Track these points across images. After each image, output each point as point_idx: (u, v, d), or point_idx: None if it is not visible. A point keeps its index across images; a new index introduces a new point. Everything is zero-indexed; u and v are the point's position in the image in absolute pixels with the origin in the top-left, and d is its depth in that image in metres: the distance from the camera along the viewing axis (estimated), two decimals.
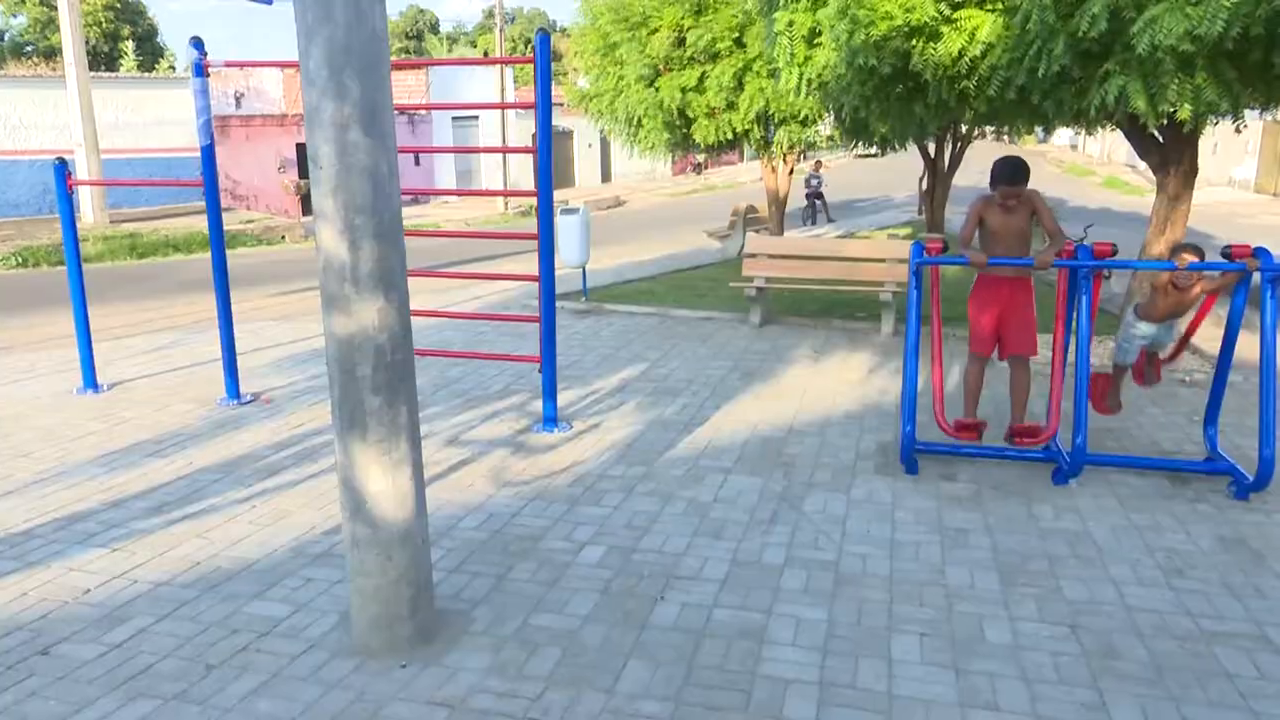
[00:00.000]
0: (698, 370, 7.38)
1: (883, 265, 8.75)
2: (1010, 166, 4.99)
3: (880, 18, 6.01)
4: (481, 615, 3.57)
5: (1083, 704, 3.00)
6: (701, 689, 3.07)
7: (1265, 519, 4.47)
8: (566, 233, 9.89)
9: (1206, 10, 4.95)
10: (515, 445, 5.59)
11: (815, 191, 21.14)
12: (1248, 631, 3.45)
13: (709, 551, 4.13)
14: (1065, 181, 33.14)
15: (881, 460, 5.33)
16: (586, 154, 36.20)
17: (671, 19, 11.04)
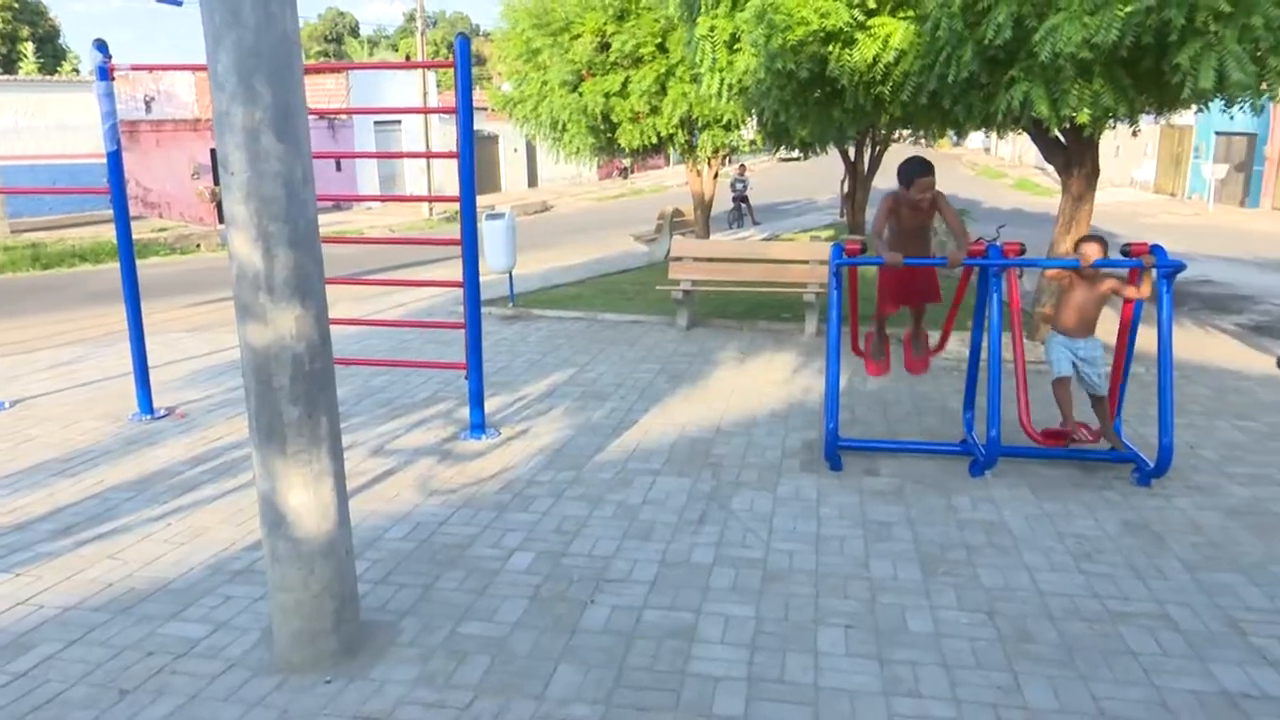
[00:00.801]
0: (626, 374, 7.41)
1: (805, 267, 8.91)
2: (917, 162, 5.18)
3: (796, 23, 6.13)
4: (409, 626, 3.52)
5: (999, 687, 3.11)
6: (632, 690, 3.09)
7: (1166, 503, 4.70)
8: (492, 238, 9.82)
9: (1102, 20, 5.18)
10: (442, 453, 5.53)
11: (740, 195, 21.42)
12: (1150, 611, 3.62)
13: (638, 553, 4.15)
14: (979, 183, 34.22)
15: (807, 458, 5.42)
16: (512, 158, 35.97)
17: (594, 25, 11.06)
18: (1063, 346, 5.16)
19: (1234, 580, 3.87)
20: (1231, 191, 25.61)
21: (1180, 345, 8.17)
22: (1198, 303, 10.96)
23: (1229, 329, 9.31)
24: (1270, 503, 4.69)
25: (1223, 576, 3.90)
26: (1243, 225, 21.03)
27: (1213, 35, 5.10)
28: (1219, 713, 2.96)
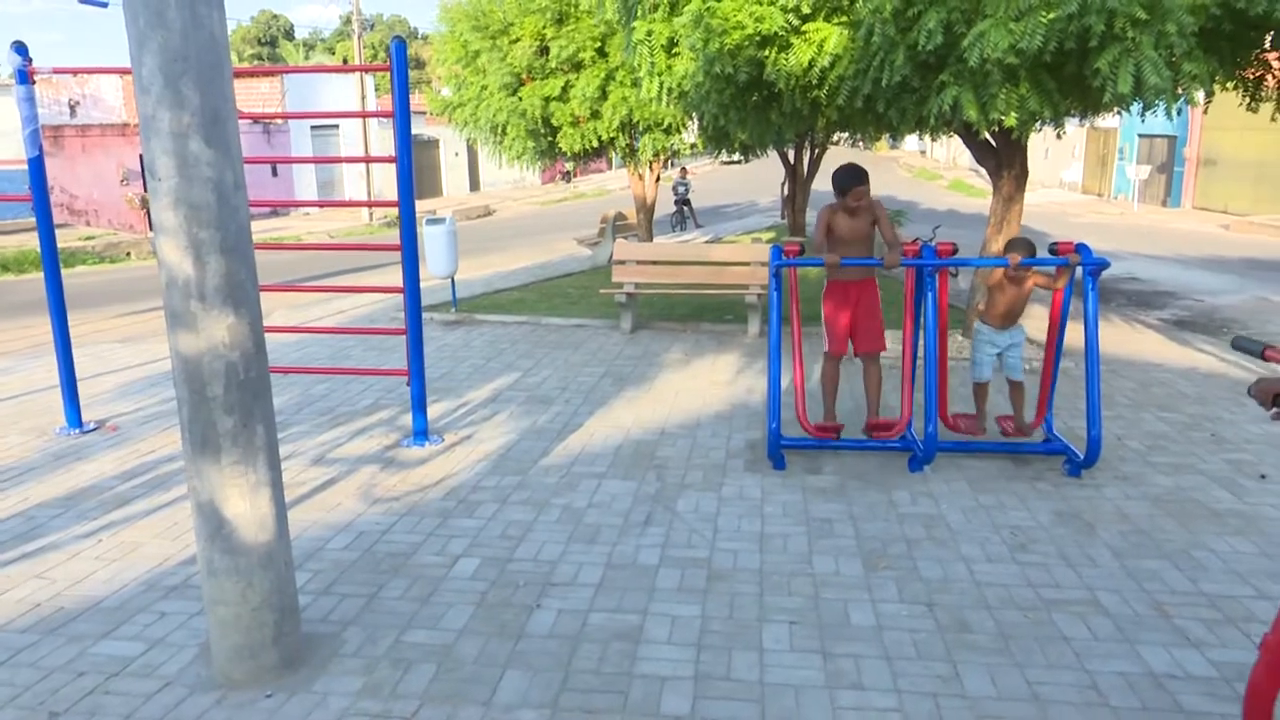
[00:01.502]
0: (570, 377, 7.40)
1: (747, 268, 9.01)
2: (851, 172, 5.28)
3: (733, 27, 6.20)
4: (352, 636, 3.47)
5: (939, 676, 3.18)
6: (579, 693, 3.09)
7: (1095, 493, 4.85)
8: (433, 243, 9.73)
9: (1027, 26, 5.33)
10: (385, 461, 5.46)
11: (683, 198, 21.55)
12: (1082, 598, 3.74)
13: (584, 557, 4.15)
14: (915, 185, 34.93)
15: (750, 458, 5.48)
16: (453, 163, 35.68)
17: (532, 28, 11.04)
18: (988, 343, 5.38)
19: (1159, 566, 4.01)
20: (1154, 191, 26.55)
21: (1108, 340, 8.46)
22: (1124, 299, 11.34)
23: (1153, 324, 9.66)
24: (1192, 490, 4.88)
25: (1149, 563, 4.04)
26: (1165, 224, 21.82)
27: (1130, 41, 5.29)
28: (1146, 693, 3.07)
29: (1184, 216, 23.59)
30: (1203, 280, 12.94)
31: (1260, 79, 6.68)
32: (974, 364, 5.51)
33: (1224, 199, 23.95)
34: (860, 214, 5.32)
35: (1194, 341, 8.67)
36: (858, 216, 5.33)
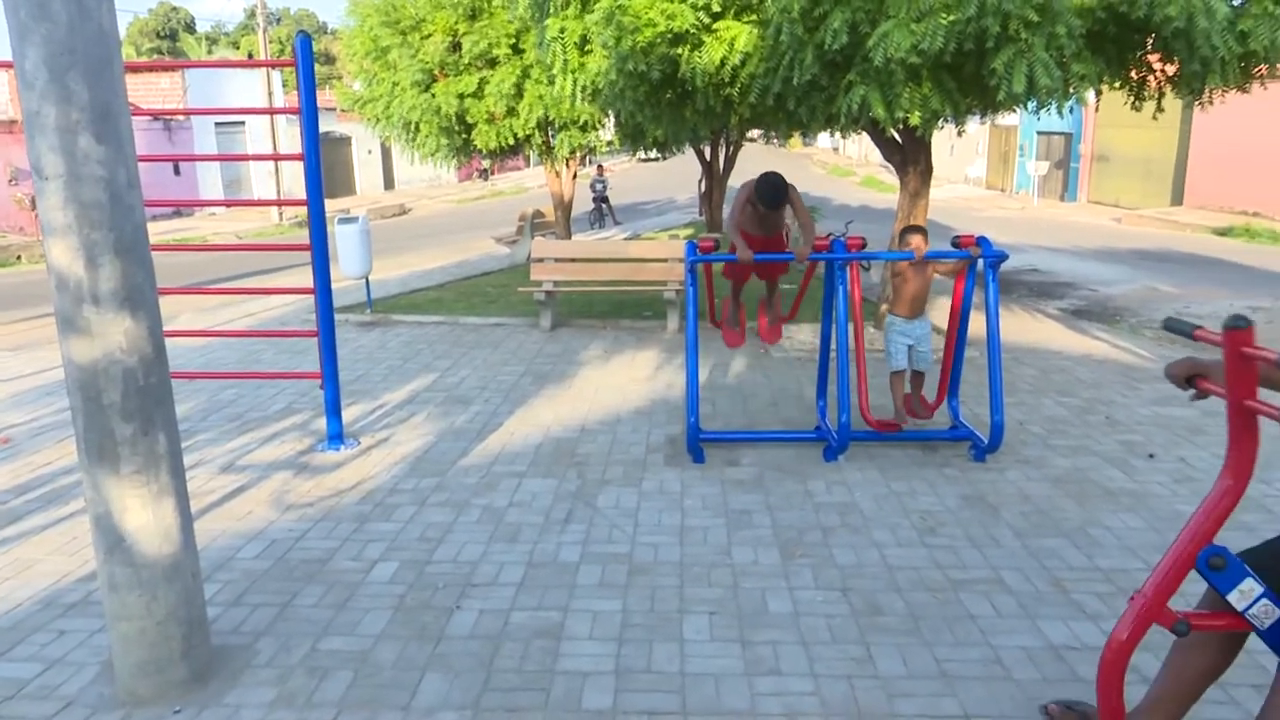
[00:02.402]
0: (489, 377, 7.34)
1: (664, 265, 9.08)
2: (770, 190, 5.31)
3: (644, 25, 6.23)
4: (265, 647, 3.39)
5: (853, 659, 3.27)
6: (501, 692, 3.08)
7: (999, 476, 5.06)
8: (346, 242, 9.53)
9: (928, 27, 5.51)
10: (298, 466, 5.33)
11: (601, 195, 21.58)
12: (987, 577, 3.89)
13: (505, 556, 4.13)
14: (828, 181, 35.70)
15: (670, 452, 5.53)
16: (367, 160, 34.96)
17: (444, 24, 10.88)
18: (900, 334, 5.54)
19: (1058, 544, 4.20)
20: (1052, 186, 27.72)
21: (1011, 330, 8.81)
22: (1026, 290, 11.81)
23: (1052, 313, 10.09)
24: (1088, 471, 5.12)
25: (1048, 541, 4.23)
26: (1063, 217, 22.80)
27: (1024, 43, 5.51)
28: (1045, 665, 3.22)
29: (1080, 210, 24.69)
30: (1097, 271, 13.56)
31: (1143, 80, 7.03)
32: (889, 355, 5.67)
33: (1116, 193, 25.15)
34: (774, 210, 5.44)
35: (1090, 329, 9.09)
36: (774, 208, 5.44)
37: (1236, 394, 2.03)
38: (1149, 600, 2.09)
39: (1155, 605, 2.08)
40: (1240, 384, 2.01)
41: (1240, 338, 1.95)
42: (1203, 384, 2.13)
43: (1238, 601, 2.05)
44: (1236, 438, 2.06)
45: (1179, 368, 2.18)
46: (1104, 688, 2.15)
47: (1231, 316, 1.99)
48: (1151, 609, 2.09)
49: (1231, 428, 2.07)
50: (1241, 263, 14.46)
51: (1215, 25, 5.42)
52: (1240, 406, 2.02)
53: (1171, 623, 2.08)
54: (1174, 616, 2.09)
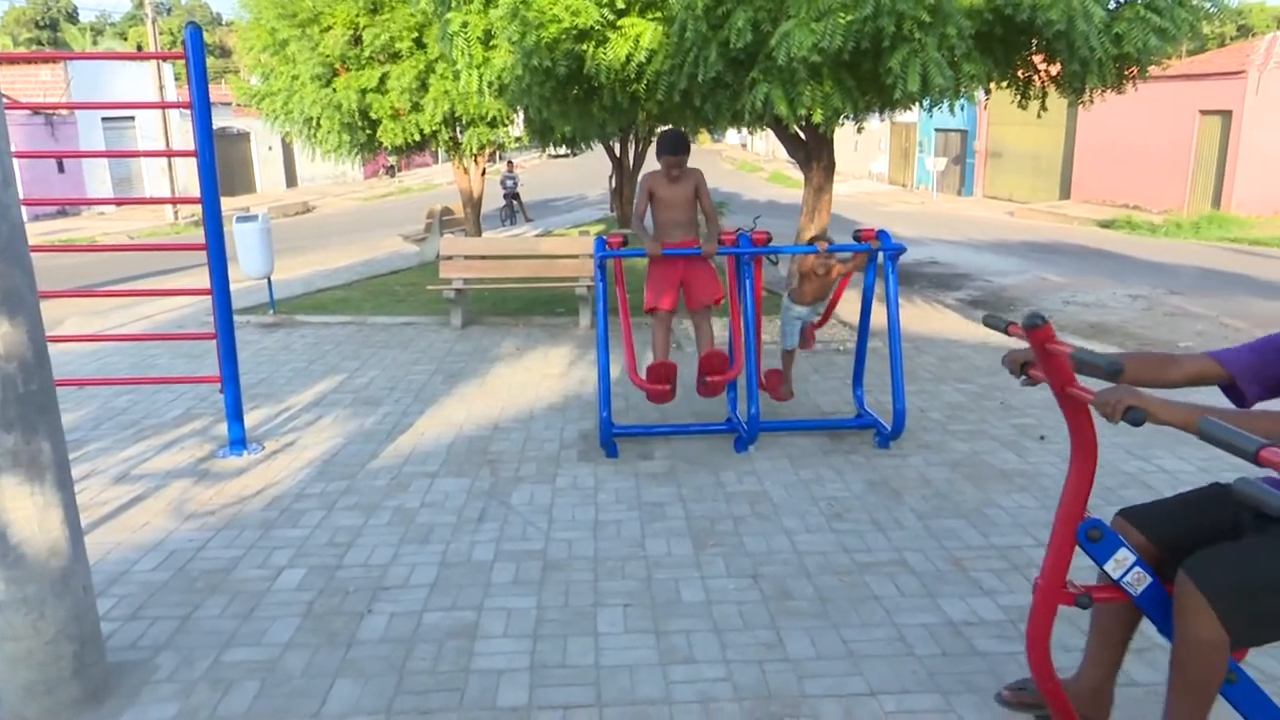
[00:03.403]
0: (399, 377, 7.22)
1: (575, 261, 9.07)
2: (671, 138, 5.37)
3: (549, 20, 6.22)
4: (165, 661, 3.27)
5: (764, 644, 3.35)
6: (414, 695, 3.05)
7: (902, 462, 5.24)
8: (245, 242, 9.22)
9: (827, 27, 5.66)
10: (199, 474, 5.15)
11: (511, 192, 21.40)
12: (891, 559, 4.03)
13: (417, 557, 4.08)
14: (737, 177, 36.23)
15: (584, 447, 5.54)
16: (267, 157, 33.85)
17: (345, 16, 10.63)
18: (795, 318, 5.78)
19: (957, 525, 4.38)
20: (950, 181, 28.74)
21: (912, 320, 9.13)
22: (926, 282, 12.24)
23: (951, 304, 10.48)
24: (984, 454, 5.34)
25: (948, 522, 4.41)
26: (961, 212, 23.68)
27: (917, 42, 5.72)
28: (946, 640, 3.35)
29: (976, 205, 25.69)
30: (992, 263, 14.15)
31: (1029, 79, 7.37)
32: (784, 335, 5.85)
33: (1009, 188, 26.26)
34: (681, 182, 5.43)
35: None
36: (678, 184, 5.43)
37: (1056, 382, 2.15)
38: (1047, 586, 2.21)
39: (1054, 589, 2.21)
40: (1055, 374, 2.13)
41: (1041, 335, 2.07)
42: (1032, 372, 2.26)
43: (1113, 570, 2.19)
44: (1071, 420, 2.18)
45: (1015, 356, 2.31)
46: (1037, 675, 2.29)
47: (1028, 315, 2.09)
48: (1051, 594, 2.21)
49: (1064, 412, 2.20)
50: (1123, 253, 15.30)
51: (1093, 28, 5.72)
52: (1063, 393, 2.15)
53: (1074, 599, 2.20)
54: (1075, 594, 2.21)
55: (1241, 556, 2.08)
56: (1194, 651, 2.04)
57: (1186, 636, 2.04)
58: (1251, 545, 2.12)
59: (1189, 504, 2.32)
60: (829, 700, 3.00)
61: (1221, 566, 2.05)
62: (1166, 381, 2.22)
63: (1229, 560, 2.07)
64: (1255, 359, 2.20)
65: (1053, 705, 2.32)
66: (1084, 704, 2.41)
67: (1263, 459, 1.44)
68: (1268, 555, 2.05)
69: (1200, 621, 2.00)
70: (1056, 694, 2.30)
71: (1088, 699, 2.42)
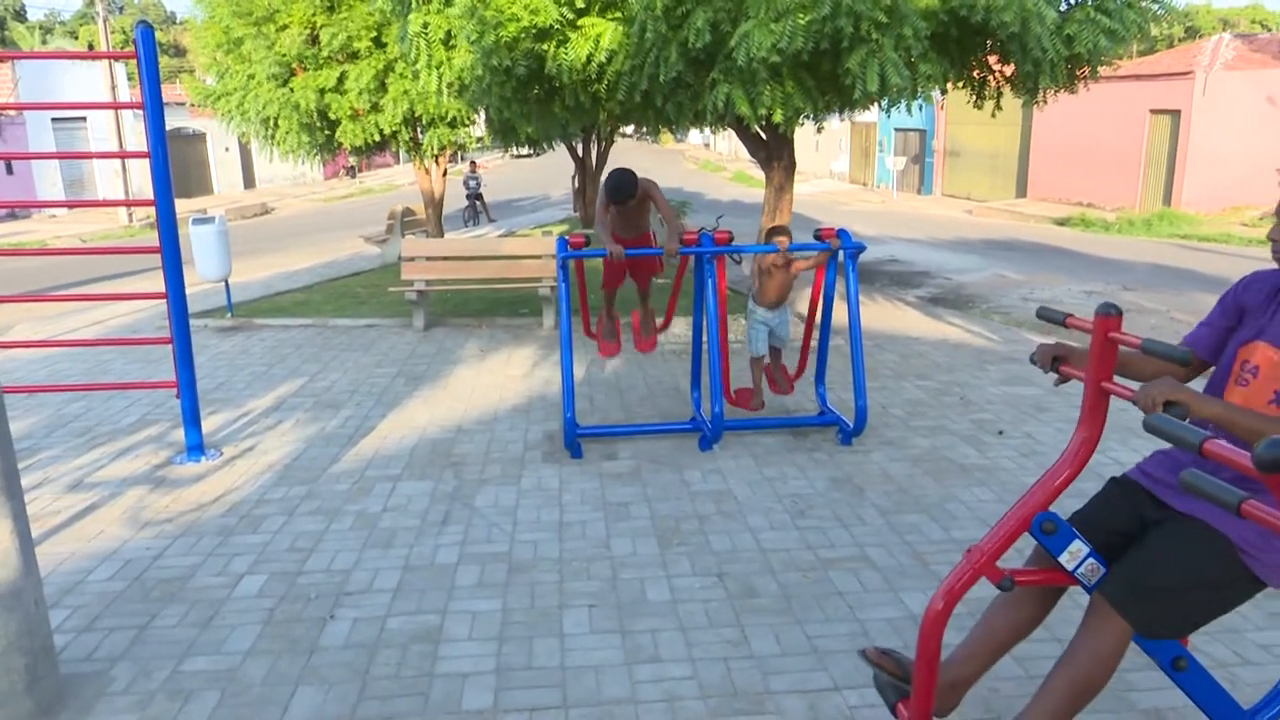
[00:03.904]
0: (361, 379, 7.15)
1: (538, 261, 9.05)
2: (613, 183, 5.34)
3: (508, 20, 6.20)
4: (122, 672, 3.21)
5: (729, 641, 3.37)
6: (377, 700, 3.02)
7: (864, 458, 5.29)
8: (201, 244, 9.08)
9: (785, 27, 5.71)
10: (155, 481, 5.06)
11: (474, 192, 21.28)
12: (854, 555, 4.08)
13: (380, 562, 4.05)
14: (700, 177, 36.36)
15: (549, 448, 5.53)
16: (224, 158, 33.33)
17: (301, 15, 10.49)
18: (760, 322, 5.76)
19: (918, 519, 4.44)
20: (910, 180, 29.10)
21: (874, 317, 9.23)
22: (887, 280, 12.37)
23: (911, 301, 10.60)
24: (945, 450, 5.42)
25: (910, 517, 4.46)
26: (920, 210, 23.98)
27: (874, 43, 5.79)
28: (908, 633, 3.40)
29: (936, 203, 26.03)
30: (951, 260, 14.34)
31: (984, 80, 7.49)
32: (751, 341, 5.86)
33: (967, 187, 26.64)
34: (635, 205, 5.50)
35: (945, 316, 9.61)
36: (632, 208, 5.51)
37: (1097, 375, 2.17)
38: (983, 556, 2.25)
39: (988, 561, 2.24)
40: (1102, 366, 2.17)
41: (1109, 324, 2.12)
42: (1065, 368, 2.30)
43: (1068, 562, 2.23)
44: (1089, 417, 2.21)
45: (1046, 350, 2.34)
46: (926, 632, 2.27)
47: (1103, 304, 2.15)
48: (984, 564, 2.25)
49: (1087, 407, 2.22)
50: (1078, 250, 15.59)
51: (1045, 29, 5.83)
52: (1098, 387, 2.18)
53: (999, 579, 2.25)
54: (1001, 573, 2.25)
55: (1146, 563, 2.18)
56: (1093, 659, 2.16)
57: (1092, 645, 2.16)
58: (1157, 547, 2.20)
59: (1101, 506, 2.41)
60: (793, 696, 3.02)
61: (1131, 579, 2.17)
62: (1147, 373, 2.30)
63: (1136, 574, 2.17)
64: (1210, 336, 2.34)
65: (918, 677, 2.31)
66: (940, 692, 2.41)
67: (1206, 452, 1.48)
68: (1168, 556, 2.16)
69: (1109, 634, 2.14)
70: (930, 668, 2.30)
71: (944, 689, 2.42)
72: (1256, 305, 2.23)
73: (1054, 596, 2.45)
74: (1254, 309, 2.23)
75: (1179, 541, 2.16)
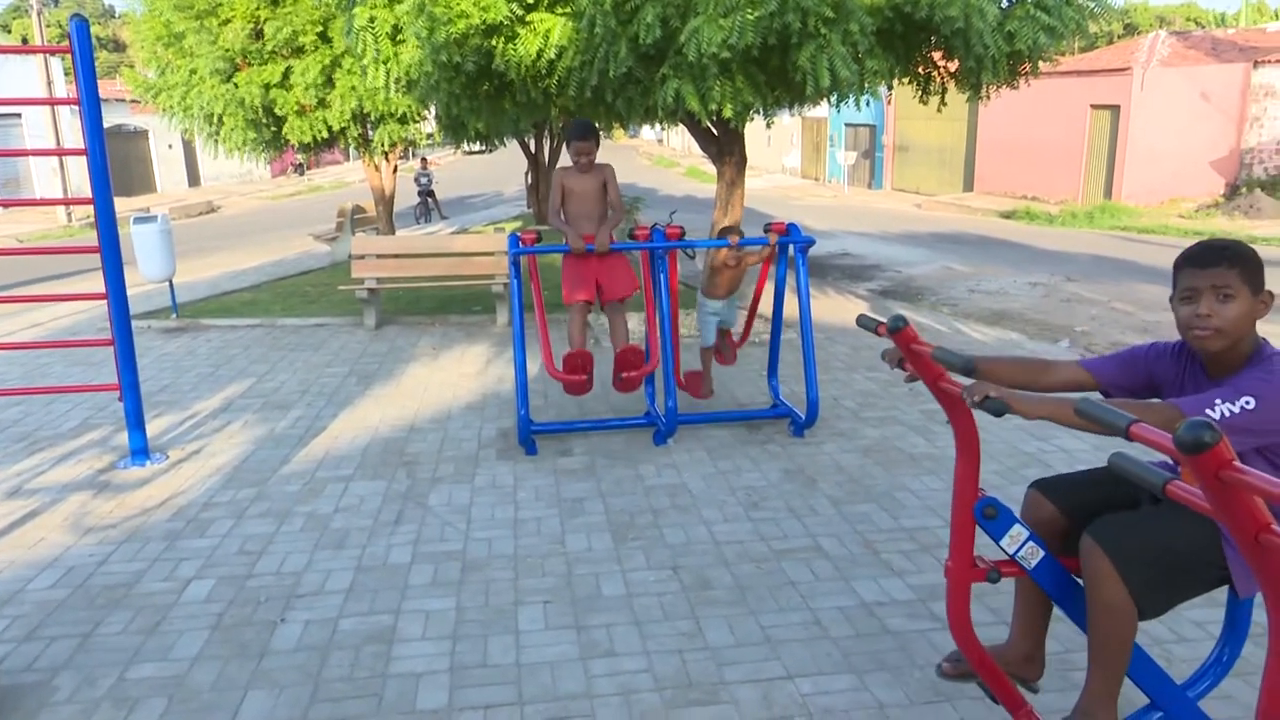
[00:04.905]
0: (311, 379, 7.05)
1: (491, 258, 8.99)
2: (576, 125, 5.45)
3: (457, 16, 6.15)
4: (65, 682, 3.13)
5: (683, 634, 3.40)
6: (330, 703, 2.99)
7: (816, 450, 5.36)
8: (144, 243, 8.86)
9: (735, 23, 5.74)
10: (98, 486, 4.94)
11: (426, 189, 21.07)
12: (806, 545, 4.13)
13: (332, 563, 4.00)
14: (654, 172, 36.41)
15: (503, 446, 5.51)
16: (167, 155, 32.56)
17: (245, 9, 10.29)
18: (711, 314, 5.81)
19: (869, 509, 4.51)
20: (861, 175, 29.45)
21: (825, 311, 9.33)
22: (839, 273, 12.52)
23: (862, 294, 10.75)
24: (895, 440, 5.51)
25: (860, 507, 4.53)
26: (871, 204, 24.29)
27: (823, 38, 5.85)
28: (859, 621, 3.45)
29: (886, 197, 26.38)
30: (901, 254, 14.56)
31: (929, 75, 7.61)
32: (702, 333, 5.90)
33: (916, 181, 27.04)
34: (591, 174, 5.45)
35: (895, 308, 9.76)
36: (589, 176, 5.45)
37: (928, 377, 2.31)
38: (956, 567, 2.30)
39: (963, 569, 2.30)
40: (925, 370, 2.30)
41: (904, 337, 2.25)
42: (907, 366, 2.38)
43: (1008, 546, 2.29)
44: (949, 410, 2.34)
45: (889, 354, 2.43)
46: (964, 651, 2.39)
47: (892, 318, 2.27)
48: (961, 573, 2.31)
49: (941, 404, 2.35)
50: (1023, 242, 15.92)
51: (987, 25, 5.94)
52: (936, 387, 2.31)
53: (984, 575, 2.30)
54: (985, 570, 2.31)
55: (1140, 521, 2.23)
56: (1103, 614, 2.16)
57: (1096, 600, 2.16)
58: (1150, 513, 2.27)
59: (1096, 480, 2.46)
60: (747, 686, 3.06)
61: (1122, 530, 2.18)
62: (1039, 385, 2.38)
63: (1129, 524, 2.21)
64: (1118, 369, 2.39)
65: (984, 676, 2.41)
66: (1017, 668, 2.52)
67: (1133, 434, 1.53)
68: (1165, 523, 2.19)
69: (1107, 585, 2.13)
70: (986, 665, 2.39)
71: (1020, 664, 2.53)
72: (1167, 381, 2.32)
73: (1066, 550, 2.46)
74: (1166, 385, 2.32)
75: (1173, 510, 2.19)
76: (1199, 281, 2.15)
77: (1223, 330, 2.13)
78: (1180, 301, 2.21)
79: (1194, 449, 1.31)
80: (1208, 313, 2.13)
